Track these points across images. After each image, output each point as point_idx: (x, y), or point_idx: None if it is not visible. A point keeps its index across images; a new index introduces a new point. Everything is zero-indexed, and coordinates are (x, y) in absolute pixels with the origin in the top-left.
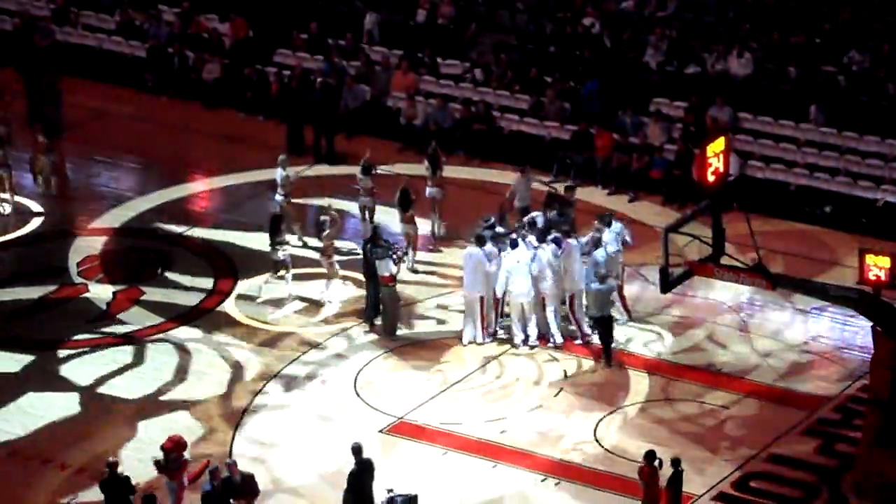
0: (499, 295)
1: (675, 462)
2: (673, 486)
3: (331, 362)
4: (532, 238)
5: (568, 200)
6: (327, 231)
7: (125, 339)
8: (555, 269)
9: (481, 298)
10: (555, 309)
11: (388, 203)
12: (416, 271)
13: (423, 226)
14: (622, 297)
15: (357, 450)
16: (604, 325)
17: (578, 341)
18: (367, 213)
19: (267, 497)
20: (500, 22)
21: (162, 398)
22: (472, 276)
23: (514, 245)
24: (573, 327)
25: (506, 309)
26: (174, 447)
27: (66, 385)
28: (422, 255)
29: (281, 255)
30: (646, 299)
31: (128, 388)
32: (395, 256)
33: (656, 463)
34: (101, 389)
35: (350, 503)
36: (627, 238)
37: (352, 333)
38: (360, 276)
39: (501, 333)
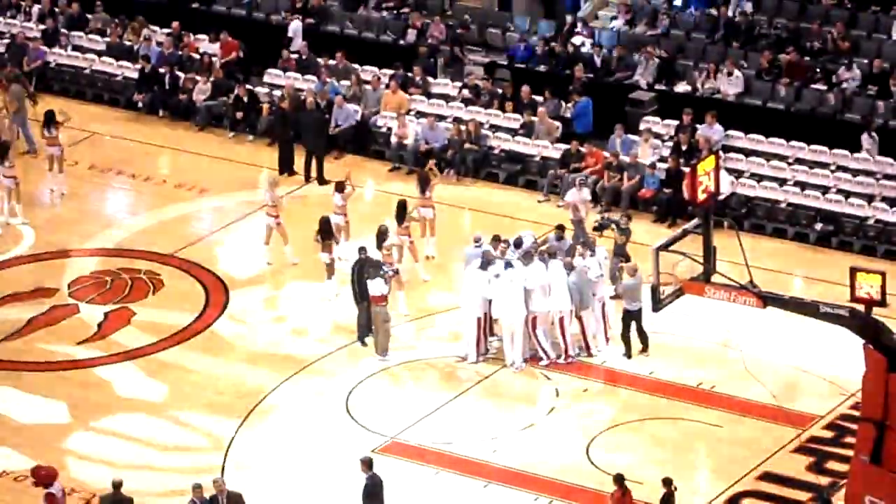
0: (492, 314)
1: (667, 482)
2: None
3: (322, 382)
4: (516, 259)
5: (624, 228)
6: (388, 241)
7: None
8: (544, 288)
9: (478, 319)
10: (545, 328)
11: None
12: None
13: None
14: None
15: (369, 462)
16: (635, 318)
17: (562, 360)
18: (340, 232)
19: None
20: (491, 42)
21: (151, 415)
22: (470, 297)
23: (506, 266)
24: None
25: (496, 329)
26: (37, 475)
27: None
28: (412, 273)
29: (327, 258)
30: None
31: (115, 405)
32: (386, 276)
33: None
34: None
35: None
36: (600, 269)
37: (343, 353)
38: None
39: (493, 353)
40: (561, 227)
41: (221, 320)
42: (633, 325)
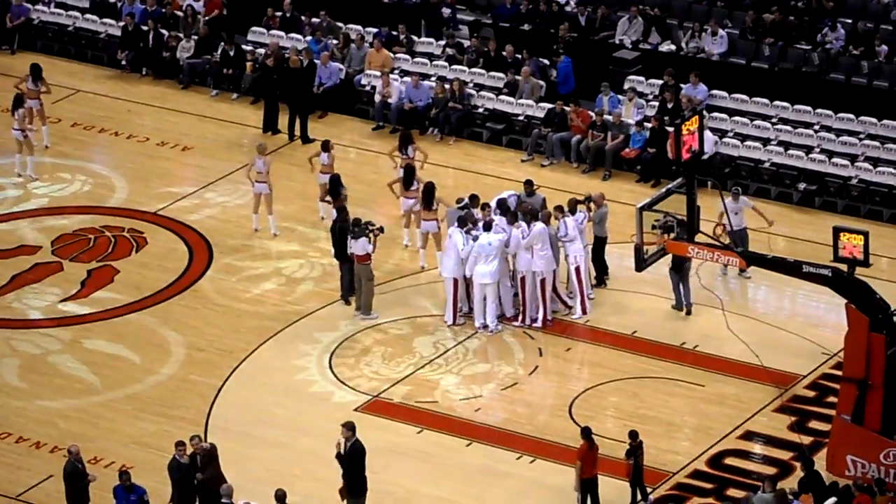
0: (467, 275)
1: (633, 435)
2: (631, 458)
3: (306, 340)
4: (501, 220)
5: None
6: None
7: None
8: (528, 250)
9: (455, 280)
10: (531, 288)
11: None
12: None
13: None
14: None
15: (352, 427)
16: (601, 245)
17: (538, 323)
18: (324, 191)
19: (241, 473)
20: (476, 0)
21: (134, 374)
22: (447, 257)
23: (486, 228)
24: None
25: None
26: None
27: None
28: (395, 234)
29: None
30: (620, 277)
31: (99, 362)
32: (370, 235)
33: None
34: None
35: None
36: (568, 230)
37: (327, 312)
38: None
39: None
40: (529, 183)
41: (205, 278)
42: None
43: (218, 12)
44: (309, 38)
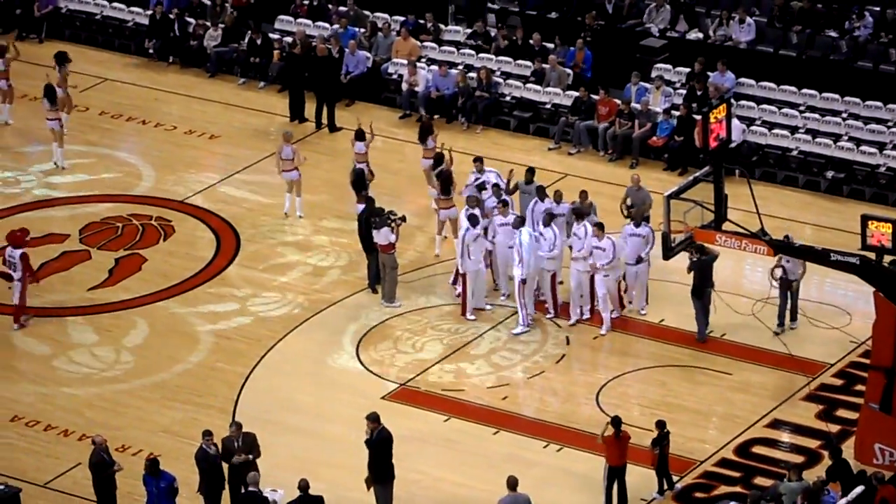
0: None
1: (661, 424)
2: (658, 447)
3: (333, 329)
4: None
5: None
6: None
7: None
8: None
9: (462, 275)
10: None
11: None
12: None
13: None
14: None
15: (376, 418)
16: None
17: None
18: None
19: (268, 460)
20: None
21: (161, 362)
22: (460, 254)
23: (519, 224)
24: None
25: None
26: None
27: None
28: (420, 223)
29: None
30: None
31: (127, 350)
32: (392, 225)
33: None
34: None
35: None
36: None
37: (354, 300)
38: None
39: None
40: (532, 171)
41: (232, 267)
42: None
43: (245, 1)
44: (336, 26)
